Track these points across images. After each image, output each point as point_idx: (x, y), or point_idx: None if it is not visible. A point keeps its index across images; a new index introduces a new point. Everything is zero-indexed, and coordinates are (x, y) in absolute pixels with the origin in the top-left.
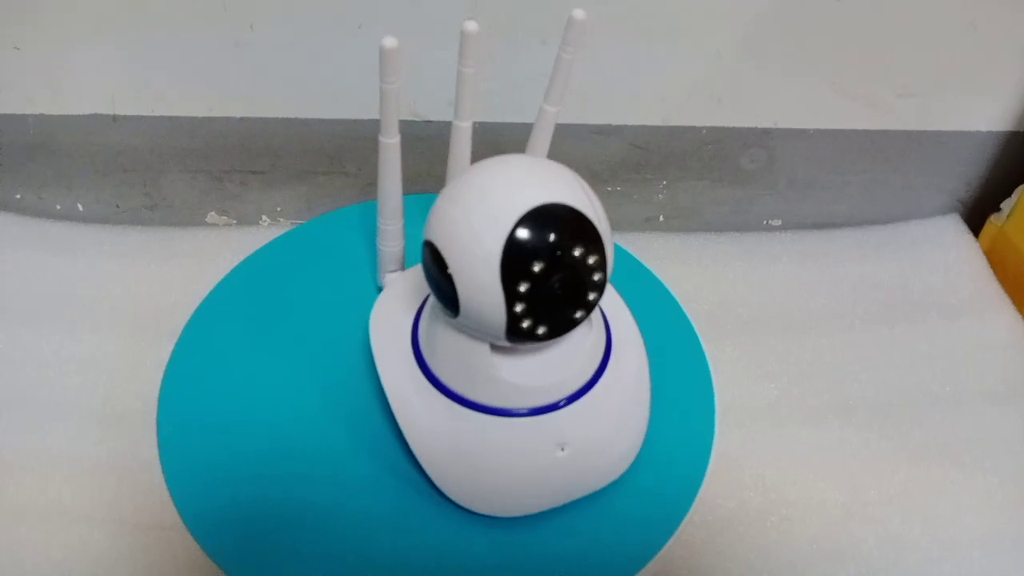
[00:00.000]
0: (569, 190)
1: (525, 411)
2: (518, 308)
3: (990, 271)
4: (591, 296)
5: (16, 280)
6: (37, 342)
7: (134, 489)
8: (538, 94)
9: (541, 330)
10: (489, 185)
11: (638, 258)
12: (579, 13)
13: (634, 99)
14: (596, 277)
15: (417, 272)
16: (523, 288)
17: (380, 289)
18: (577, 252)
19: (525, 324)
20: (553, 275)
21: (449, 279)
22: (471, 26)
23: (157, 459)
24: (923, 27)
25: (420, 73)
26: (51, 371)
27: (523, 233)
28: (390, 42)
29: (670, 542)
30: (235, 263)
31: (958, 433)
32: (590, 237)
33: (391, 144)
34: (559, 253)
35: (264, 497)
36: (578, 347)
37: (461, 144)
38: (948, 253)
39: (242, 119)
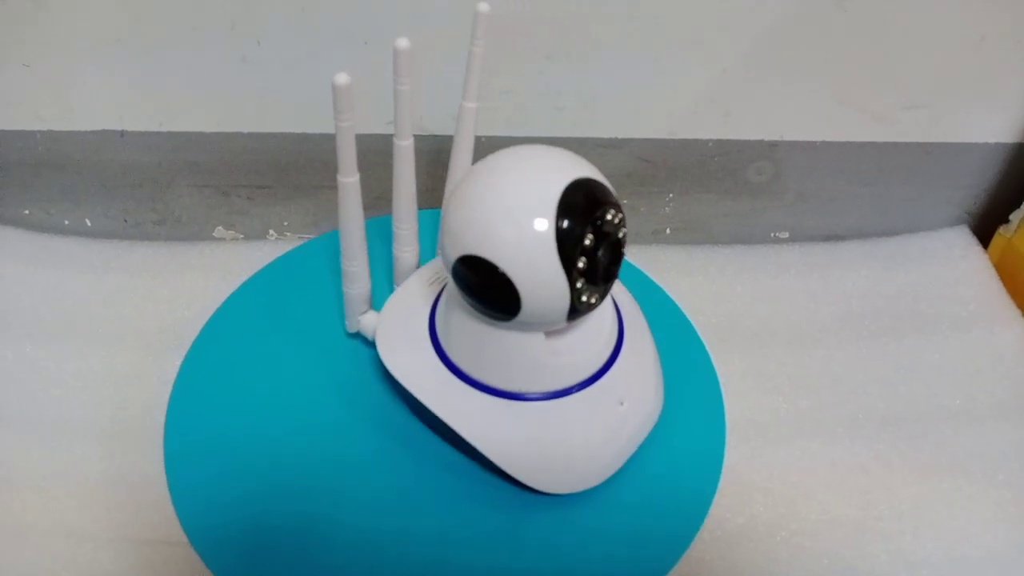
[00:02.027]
0: (576, 164)
1: (590, 379)
2: (579, 284)
3: (999, 283)
4: (622, 252)
5: (23, 296)
6: (43, 358)
7: (140, 505)
8: (545, 108)
9: (594, 299)
10: (509, 181)
11: (645, 271)
12: (483, 7)
13: (641, 112)
14: (622, 234)
15: (406, 296)
16: (581, 264)
17: (353, 335)
18: (609, 216)
19: (584, 298)
20: (600, 244)
21: (504, 281)
22: (403, 43)
23: (163, 475)
24: (931, 39)
25: (426, 88)
26: (57, 387)
27: (567, 213)
28: (342, 79)
29: (680, 560)
30: (242, 277)
31: (969, 446)
32: (611, 200)
33: (350, 183)
34: (599, 223)
35: (270, 513)
36: (605, 308)
37: (404, 163)
38: (957, 265)
39: (249, 134)
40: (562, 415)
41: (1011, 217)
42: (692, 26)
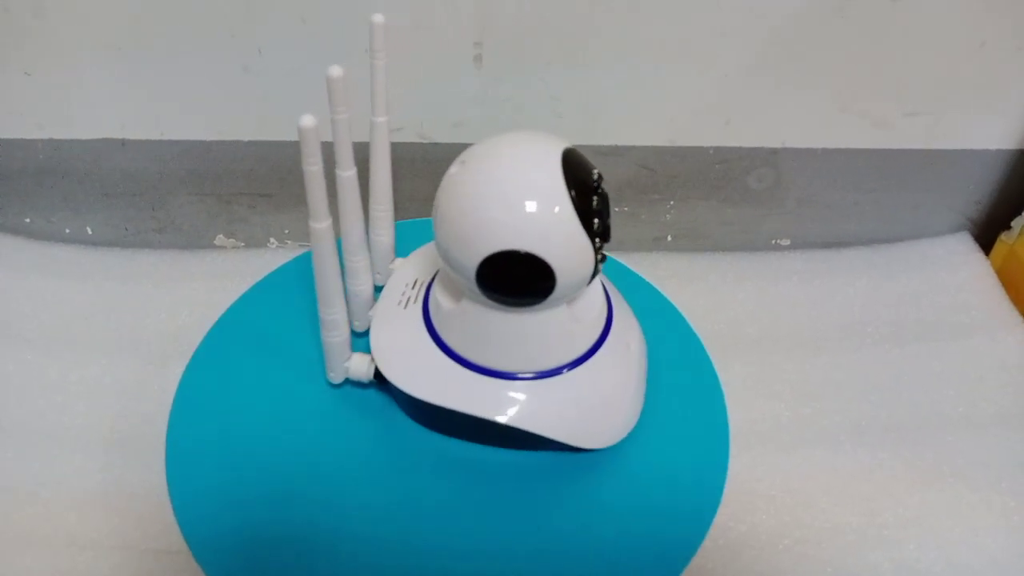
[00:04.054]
0: (547, 139)
1: (603, 335)
2: (597, 243)
3: (1001, 289)
4: (610, 205)
5: (25, 304)
6: (44, 366)
7: (140, 514)
8: (545, 114)
9: (604, 254)
10: (507, 174)
11: (646, 279)
12: (378, 18)
13: (641, 120)
14: (603, 188)
15: (389, 321)
16: (596, 225)
17: (337, 384)
18: (595, 175)
19: (600, 256)
20: (603, 203)
21: (539, 265)
22: (335, 71)
23: (163, 483)
24: (932, 46)
25: (426, 96)
26: (58, 395)
27: (576, 185)
28: (308, 121)
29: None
30: (243, 285)
31: (972, 454)
32: (590, 163)
33: (323, 229)
34: (595, 184)
35: (271, 522)
36: None
37: (350, 194)
38: (958, 272)
39: (250, 142)
40: (595, 374)
41: (1013, 224)
42: (693, 33)
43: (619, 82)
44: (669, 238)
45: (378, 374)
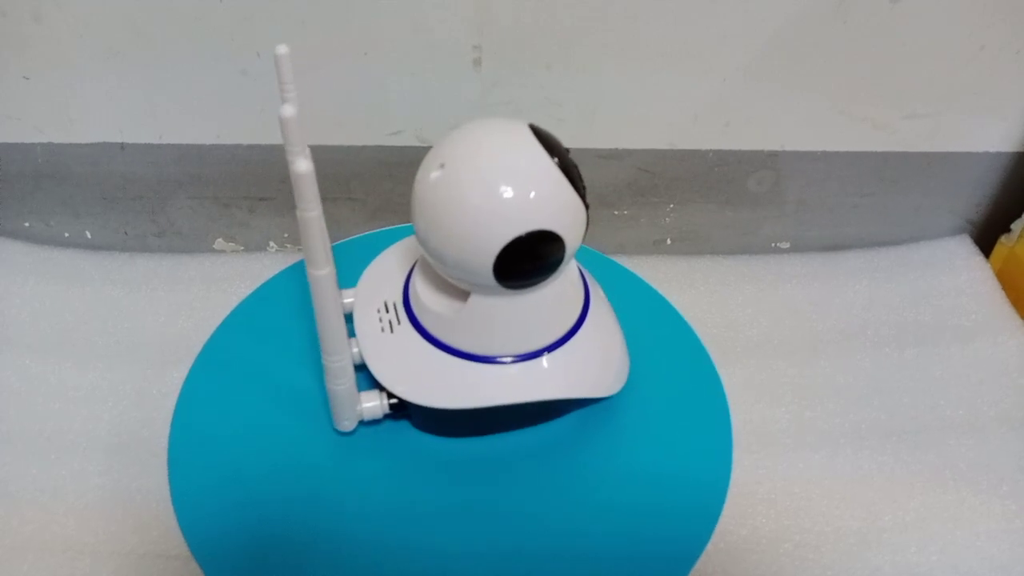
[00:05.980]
0: (511, 120)
1: (586, 292)
2: (585, 205)
3: (1002, 292)
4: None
5: (24, 309)
6: (43, 372)
7: (139, 519)
8: (545, 118)
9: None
10: (491, 161)
11: (647, 281)
12: (281, 48)
13: (641, 123)
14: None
15: (378, 350)
16: (582, 188)
17: (343, 433)
18: (560, 141)
19: (588, 214)
20: (575, 164)
21: (549, 236)
22: (287, 111)
23: (163, 488)
24: (930, 49)
25: (425, 98)
26: (56, 400)
27: (556, 154)
28: (303, 166)
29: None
30: (243, 289)
31: (973, 458)
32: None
33: (323, 276)
34: (565, 148)
35: (273, 526)
36: None
37: (314, 231)
38: (959, 275)
39: (249, 146)
40: (598, 324)
41: (1012, 226)
42: (692, 36)
43: (618, 85)
44: (669, 241)
45: (392, 407)
